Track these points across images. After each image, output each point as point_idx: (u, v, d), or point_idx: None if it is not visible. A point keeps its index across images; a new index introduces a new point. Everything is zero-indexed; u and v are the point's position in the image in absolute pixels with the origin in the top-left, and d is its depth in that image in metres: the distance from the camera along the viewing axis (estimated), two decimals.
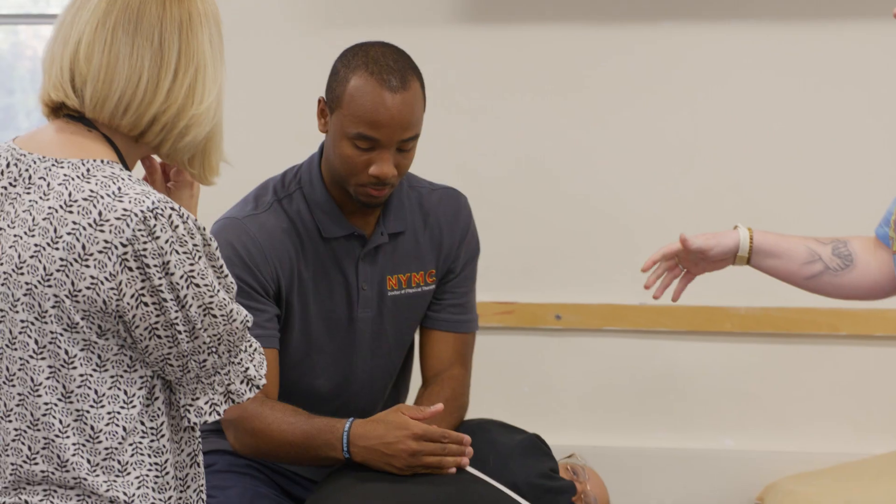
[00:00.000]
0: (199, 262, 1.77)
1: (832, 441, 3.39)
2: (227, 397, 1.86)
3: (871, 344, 3.37)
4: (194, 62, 1.82)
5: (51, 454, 1.79)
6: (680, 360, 3.44)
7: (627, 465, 3.40)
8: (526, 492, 2.48)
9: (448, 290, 2.73)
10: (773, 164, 3.38)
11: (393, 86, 2.46)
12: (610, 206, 3.44)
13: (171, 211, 1.76)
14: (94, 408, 1.79)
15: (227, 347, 1.84)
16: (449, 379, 2.70)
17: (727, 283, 3.40)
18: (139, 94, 1.80)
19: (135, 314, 1.76)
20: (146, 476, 1.82)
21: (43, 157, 1.81)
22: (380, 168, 2.48)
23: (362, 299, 2.63)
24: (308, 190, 2.60)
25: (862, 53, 3.30)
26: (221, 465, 2.64)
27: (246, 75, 3.38)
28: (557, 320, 3.45)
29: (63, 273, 1.74)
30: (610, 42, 3.40)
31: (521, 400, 3.47)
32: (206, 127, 1.85)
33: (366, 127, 2.46)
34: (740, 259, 2.52)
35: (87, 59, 1.80)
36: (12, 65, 3.88)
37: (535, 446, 2.63)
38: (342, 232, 2.59)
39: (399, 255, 2.66)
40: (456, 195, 2.76)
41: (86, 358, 1.77)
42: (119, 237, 1.73)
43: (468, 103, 3.42)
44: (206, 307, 1.79)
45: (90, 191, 1.76)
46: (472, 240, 2.77)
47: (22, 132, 1.95)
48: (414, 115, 2.49)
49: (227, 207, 2.71)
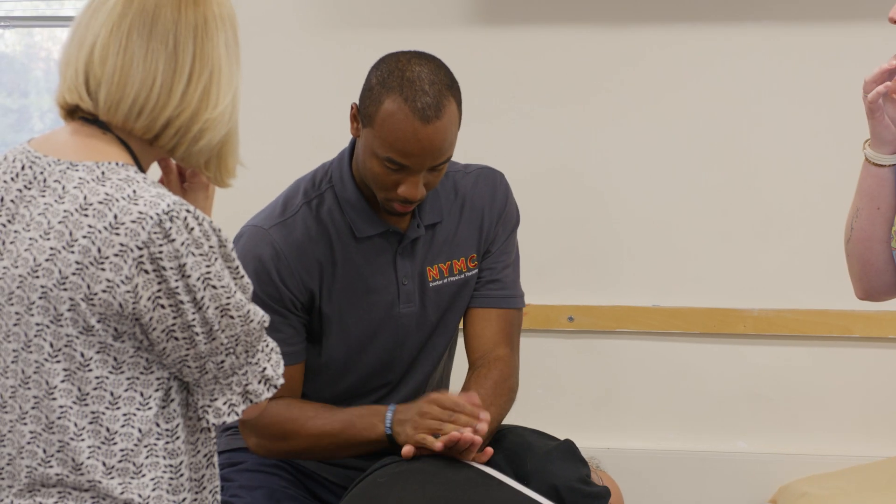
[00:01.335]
0: (216, 263, 1.77)
1: (845, 443, 3.39)
2: (245, 397, 1.86)
3: (885, 346, 3.37)
4: (209, 66, 1.82)
5: (65, 457, 1.79)
6: (693, 362, 3.44)
7: (640, 467, 3.40)
8: (565, 495, 2.47)
9: (486, 266, 2.68)
10: (794, 166, 3.38)
11: (427, 115, 2.39)
12: (623, 208, 3.44)
13: (186, 213, 1.76)
14: (110, 409, 1.79)
15: (245, 348, 1.84)
16: (495, 360, 2.63)
17: (740, 285, 3.41)
18: (153, 98, 1.80)
19: (152, 317, 1.76)
20: (161, 478, 1.82)
21: (58, 160, 1.82)
22: (408, 190, 2.44)
23: (403, 294, 2.60)
24: (339, 188, 2.56)
25: (875, 55, 3.30)
26: (250, 463, 2.62)
27: (260, 77, 3.39)
28: (570, 322, 3.45)
29: (79, 276, 1.74)
30: (626, 44, 3.40)
31: (535, 401, 3.47)
32: (221, 131, 1.85)
33: (396, 154, 2.41)
34: None
35: (101, 62, 1.80)
36: (27, 67, 3.90)
37: (572, 451, 2.61)
38: (376, 230, 2.56)
39: (437, 244, 2.62)
40: (492, 174, 2.72)
41: (102, 360, 1.77)
42: (135, 240, 1.73)
43: (482, 106, 3.42)
44: (224, 309, 1.79)
45: (105, 194, 1.76)
46: (511, 213, 2.72)
47: (36, 134, 1.95)
48: (446, 142, 2.44)
49: (244, 209, 2.70)
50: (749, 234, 3.40)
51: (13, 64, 3.88)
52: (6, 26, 3.79)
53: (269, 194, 2.74)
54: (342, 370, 2.62)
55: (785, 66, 3.37)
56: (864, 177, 2.19)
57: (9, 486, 1.82)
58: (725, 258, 3.41)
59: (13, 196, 1.82)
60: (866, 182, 2.19)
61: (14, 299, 1.79)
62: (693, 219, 3.42)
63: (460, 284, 2.66)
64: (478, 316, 2.68)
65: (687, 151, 3.41)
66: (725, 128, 3.40)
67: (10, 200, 1.82)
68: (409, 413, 2.46)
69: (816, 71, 3.36)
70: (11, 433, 1.81)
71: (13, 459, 1.82)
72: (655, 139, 3.41)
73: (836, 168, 3.36)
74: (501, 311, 2.68)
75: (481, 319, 2.67)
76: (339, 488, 2.66)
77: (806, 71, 3.37)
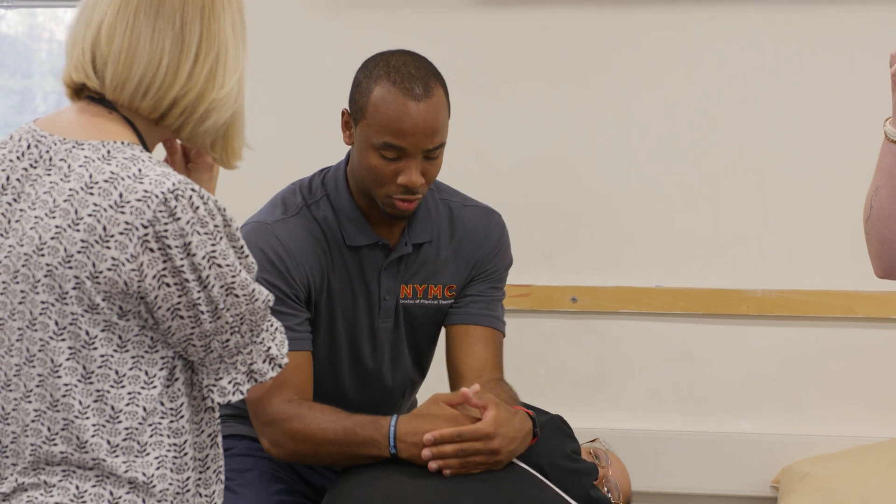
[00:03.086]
0: (221, 242, 1.78)
1: (848, 424, 3.39)
2: (250, 377, 1.86)
3: (888, 327, 3.37)
4: (215, 47, 1.83)
5: (70, 435, 1.79)
6: (696, 343, 3.44)
7: (643, 448, 3.40)
8: (548, 472, 2.47)
9: (476, 290, 2.67)
10: (797, 147, 3.38)
11: (417, 94, 2.43)
12: (627, 189, 3.44)
13: (191, 192, 1.76)
14: (115, 388, 1.79)
15: (250, 327, 1.84)
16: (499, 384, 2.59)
17: (743, 265, 3.41)
18: (159, 77, 1.81)
19: (157, 295, 1.76)
20: (165, 456, 1.82)
21: (63, 138, 1.82)
22: (407, 177, 2.45)
23: (383, 309, 2.62)
24: (334, 197, 2.58)
25: (886, 39, 3.29)
26: (240, 448, 2.64)
27: (265, 60, 3.39)
28: (573, 303, 3.45)
29: (84, 255, 1.75)
30: (629, 25, 3.39)
31: (537, 382, 3.47)
32: (227, 112, 1.85)
33: (391, 136, 2.44)
34: None
35: (108, 41, 1.81)
36: (29, 48, 3.89)
37: (558, 427, 2.62)
38: (366, 241, 2.57)
39: (420, 265, 2.63)
40: (488, 213, 2.72)
41: (106, 339, 1.78)
42: (140, 219, 1.74)
43: (485, 88, 3.42)
44: (229, 287, 1.79)
45: (111, 172, 1.76)
46: (505, 252, 2.72)
47: (39, 115, 1.96)
48: (439, 122, 2.47)
49: (249, 192, 2.70)
50: (752, 216, 3.40)
51: (15, 45, 3.88)
52: (8, 7, 3.79)
53: (274, 177, 2.75)
54: (324, 372, 2.62)
55: (788, 48, 3.37)
56: (884, 154, 2.16)
57: (13, 465, 1.83)
58: (729, 239, 3.41)
59: (19, 175, 1.83)
60: (886, 160, 2.16)
61: (20, 277, 1.80)
62: (696, 200, 3.42)
63: (431, 309, 2.66)
64: (463, 333, 2.65)
65: (690, 133, 3.41)
66: (728, 109, 3.39)
67: (15, 179, 1.83)
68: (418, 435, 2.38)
69: (820, 53, 3.36)
70: (16, 411, 1.82)
71: (17, 437, 1.82)
72: (659, 120, 3.41)
73: (840, 149, 3.36)
74: (489, 331, 2.67)
75: (467, 336, 2.65)
76: (329, 472, 2.67)
77: (810, 53, 3.36)
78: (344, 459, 2.46)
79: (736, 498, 3.43)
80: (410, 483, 2.34)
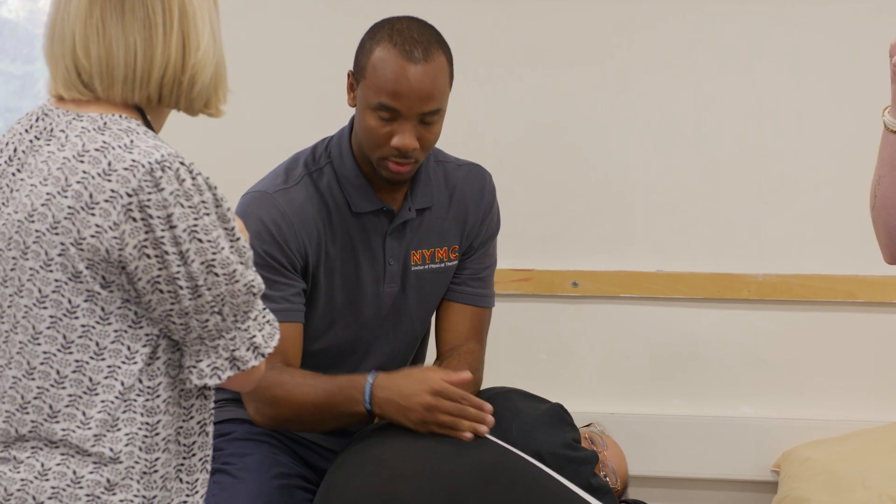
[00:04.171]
0: (204, 218, 1.77)
1: (849, 408, 3.39)
2: (233, 364, 1.84)
3: (889, 311, 3.37)
4: (177, 12, 1.83)
5: (42, 404, 1.79)
6: (697, 328, 3.44)
7: (644, 433, 3.41)
8: (549, 461, 2.48)
9: (467, 265, 2.74)
10: (799, 131, 3.38)
11: (415, 57, 2.46)
12: (628, 173, 3.43)
13: (179, 165, 1.76)
14: (94, 360, 1.79)
15: (232, 310, 1.82)
16: (465, 353, 2.70)
17: (745, 250, 3.41)
18: (139, 68, 1.82)
19: (137, 266, 1.76)
20: (136, 434, 1.81)
21: (66, 111, 1.85)
22: (401, 139, 2.47)
23: (388, 274, 2.64)
24: (338, 164, 2.60)
25: (887, 21, 3.29)
26: (240, 433, 2.65)
27: (259, 47, 3.38)
28: (574, 287, 3.45)
29: (70, 221, 1.76)
30: (634, 8, 3.39)
31: (538, 367, 3.47)
32: (210, 68, 1.86)
33: (386, 97, 2.46)
34: None
35: (86, 55, 1.82)
36: (31, 32, 3.89)
37: (559, 416, 2.62)
38: (371, 207, 2.60)
39: (424, 230, 2.67)
40: (481, 172, 2.77)
41: (89, 309, 1.78)
42: (125, 187, 1.74)
43: (484, 70, 3.42)
44: (209, 264, 1.78)
45: (103, 142, 1.78)
46: (494, 218, 2.78)
47: (41, 99, 1.97)
48: (436, 87, 2.48)
49: (243, 173, 2.70)
50: (754, 200, 3.40)
51: (17, 30, 3.87)
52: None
53: (267, 159, 2.74)
54: (322, 341, 2.64)
55: (789, 33, 3.36)
56: (885, 145, 2.16)
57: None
58: (730, 223, 3.41)
59: (25, 146, 1.85)
60: (886, 150, 2.16)
61: (12, 244, 1.81)
62: (698, 185, 3.41)
63: (440, 273, 2.71)
64: (453, 310, 2.75)
65: (692, 117, 3.40)
66: (730, 95, 3.39)
67: (21, 150, 1.85)
68: (390, 389, 2.47)
69: (823, 38, 3.35)
70: (1, 379, 1.83)
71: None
72: (660, 105, 3.40)
73: (841, 134, 3.36)
74: (476, 309, 2.76)
75: (456, 314, 2.75)
76: (330, 453, 2.69)
77: (813, 38, 3.35)
78: (326, 422, 2.53)
79: (737, 482, 3.43)
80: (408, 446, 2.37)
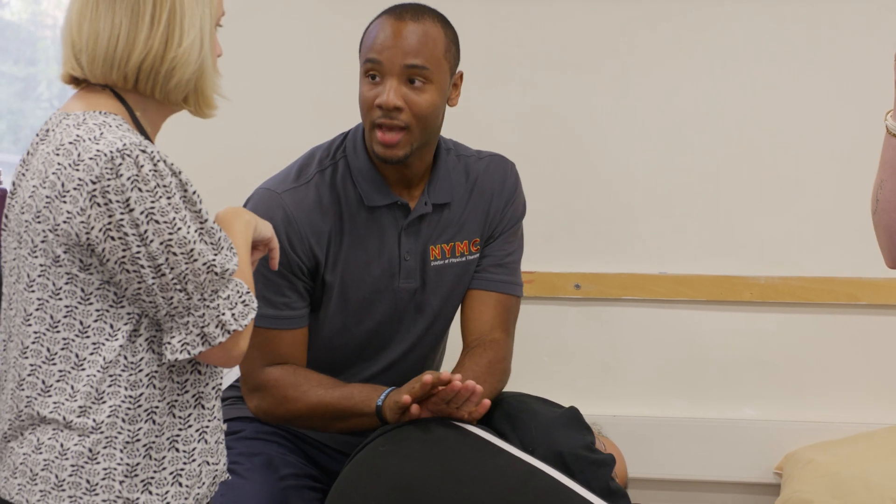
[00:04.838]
0: (161, 200, 1.87)
1: (852, 410, 3.39)
2: (204, 339, 1.93)
3: (891, 313, 3.37)
4: (167, 7, 1.95)
5: (36, 380, 1.93)
6: (700, 330, 3.44)
7: (646, 435, 3.41)
8: (570, 462, 2.47)
9: (488, 252, 2.71)
10: (801, 133, 3.38)
11: (402, 16, 2.50)
12: (630, 175, 3.43)
13: (139, 152, 1.87)
14: (80, 337, 1.93)
15: (197, 289, 1.91)
16: (491, 343, 2.65)
17: (747, 252, 3.41)
18: (119, 49, 1.94)
19: (104, 248, 1.88)
20: (119, 407, 1.93)
21: (61, 112, 1.99)
22: (384, 97, 2.48)
23: (404, 270, 2.62)
24: (352, 158, 2.60)
25: (889, 20, 3.29)
26: (248, 431, 2.65)
27: (262, 49, 3.38)
28: (577, 289, 3.45)
29: (48, 209, 1.90)
30: (633, 11, 3.39)
31: (541, 368, 3.47)
32: (191, 67, 1.97)
33: (371, 51, 2.50)
34: None
35: (79, 32, 1.97)
36: (33, 35, 3.89)
37: (576, 418, 2.62)
38: (385, 201, 2.59)
39: (443, 224, 2.65)
40: (503, 161, 2.76)
41: (70, 291, 1.92)
42: (90, 174, 1.87)
43: (488, 73, 3.42)
44: (167, 244, 1.88)
45: (76, 136, 1.91)
46: (519, 204, 2.75)
47: (43, 101, 2.06)
48: (420, 44, 2.49)
49: (247, 172, 2.70)
50: (756, 202, 3.40)
51: (19, 32, 3.88)
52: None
53: (267, 158, 2.74)
54: (338, 339, 2.64)
55: (792, 33, 3.36)
56: (887, 149, 2.16)
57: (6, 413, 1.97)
58: (732, 225, 3.41)
59: (31, 149, 1.99)
60: (888, 154, 2.16)
61: (13, 237, 1.97)
62: (700, 187, 3.41)
63: (461, 267, 2.68)
64: (477, 298, 2.70)
65: (693, 119, 3.40)
66: (732, 96, 3.39)
67: (29, 154, 1.99)
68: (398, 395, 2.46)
69: (825, 38, 3.35)
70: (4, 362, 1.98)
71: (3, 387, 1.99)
72: (662, 107, 3.41)
73: (844, 136, 3.36)
74: (501, 297, 2.71)
75: (480, 302, 2.70)
76: (338, 453, 2.69)
77: (814, 38, 3.36)
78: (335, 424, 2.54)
79: (739, 484, 3.43)
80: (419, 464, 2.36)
